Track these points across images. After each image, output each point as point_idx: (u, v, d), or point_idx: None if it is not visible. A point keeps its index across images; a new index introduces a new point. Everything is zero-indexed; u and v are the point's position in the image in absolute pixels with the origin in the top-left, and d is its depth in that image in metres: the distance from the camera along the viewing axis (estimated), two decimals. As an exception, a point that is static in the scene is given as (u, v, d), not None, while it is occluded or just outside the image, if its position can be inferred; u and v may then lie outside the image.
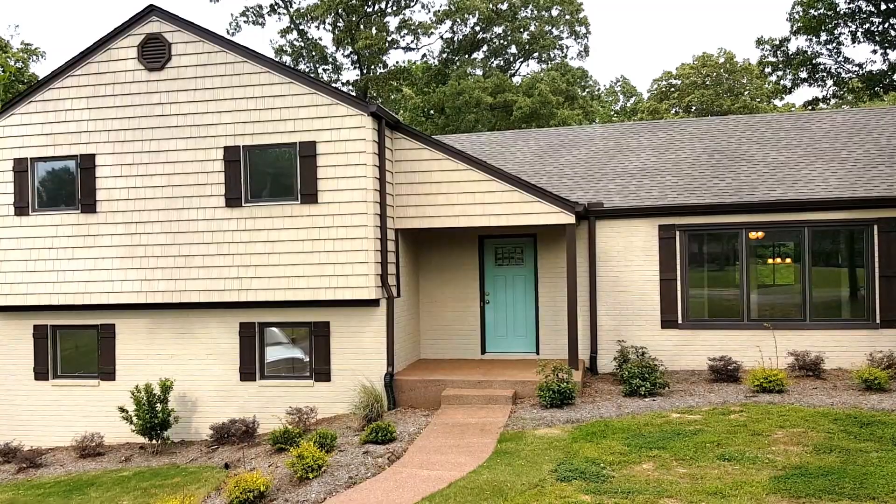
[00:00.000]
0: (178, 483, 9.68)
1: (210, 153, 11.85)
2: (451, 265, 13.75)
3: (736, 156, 14.63)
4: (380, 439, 9.28)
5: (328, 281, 11.44)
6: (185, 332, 12.25)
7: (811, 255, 12.41)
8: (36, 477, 10.95)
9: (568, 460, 7.94)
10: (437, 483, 7.56)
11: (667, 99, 44.70)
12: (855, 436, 8.21)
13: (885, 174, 12.78)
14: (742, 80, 42.57)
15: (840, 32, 27.18)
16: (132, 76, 12.16)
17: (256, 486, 7.83)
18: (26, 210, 12.50)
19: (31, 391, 12.83)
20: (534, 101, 34.03)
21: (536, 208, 11.72)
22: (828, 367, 11.85)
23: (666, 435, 8.66)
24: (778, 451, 7.83)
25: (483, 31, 38.05)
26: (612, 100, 55.30)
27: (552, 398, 10.38)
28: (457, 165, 11.90)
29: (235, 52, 11.81)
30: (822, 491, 6.61)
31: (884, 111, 16.34)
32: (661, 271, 12.79)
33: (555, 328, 13.20)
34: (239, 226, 11.75)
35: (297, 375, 12.03)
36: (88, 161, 12.26)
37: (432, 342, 13.81)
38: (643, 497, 6.74)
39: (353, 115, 11.38)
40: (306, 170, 11.51)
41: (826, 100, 29.64)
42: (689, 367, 12.56)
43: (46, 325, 12.77)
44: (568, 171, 15.20)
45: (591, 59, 72.71)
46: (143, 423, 11.28)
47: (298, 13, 38.36)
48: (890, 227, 12.01)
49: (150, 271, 12.06)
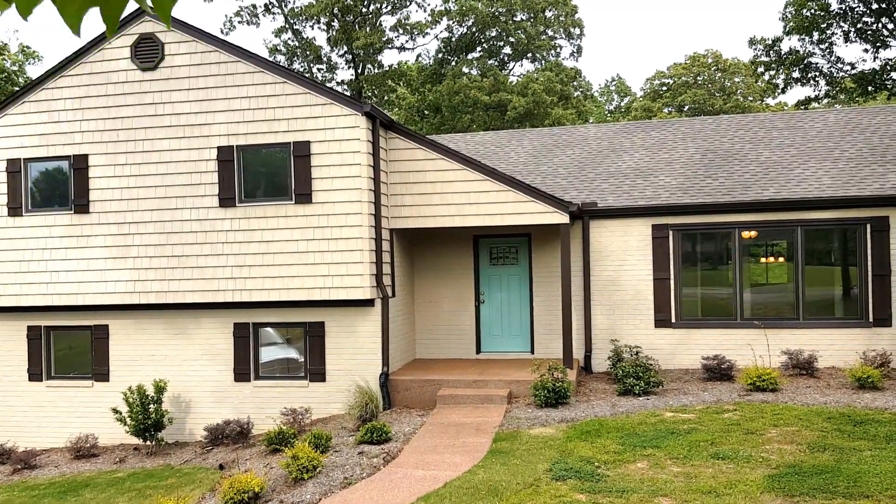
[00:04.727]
0: (172, 484, 9.66)
1: (203, 153, 11.82)
2: (446, 265, 13.76)
3: (729, 155, 14.67)
4: (375, 439, 9.27)
5: (323, 281, 11.42)
6: (179, 332, 12.22)
7: (804, 254, 12.45)
8: (31, 478, 10.91)
9: (563, 459, 7.96)
10: (433, 483, 7.56)
11: (660, 98, 44.82)
12: (849, 434, 8.25)
13: (878, 173, 12.83)
14: (735, 78, 42.72)
15: (833, 32, 27.27)
16: (125, 76, 12.12)
17: (251, 487, 7.82)
18: (19, 211, 12.46)
19: (25, 392, 12.79)
20: (528, 101, 34.05)
21: (531, 208, 11.73)
22: (821, 365, 11.90)
23: (660, 434, 8.68)
24: (772, 450, 7.86)
25: (479, 32, 38.04)
26: (606, 99, 55.40)
27: (547, 397, 10.39)
28: (451, 165, 11.90)
29: (229, 51, 11.78)
30: (816, 489, 6.64)
31: (876, 110, 16.40)
32: (655, 270, 12.83)
33: (549, 328, 13.23)
34: (233, 226, 11.73)
35: (291, 376, 12.02)
36: (81, 161, 12.22)
37: (427, 342, 13.81)
38: (637, 496, 6.75)
39: (348, 115, 11.37)
40: (300, 170, 11.49)
41: (818, 99, 29.73)
42: (682, 366, 12.60)
43: (40, 326, 12.72)
44: (562, 171, 15.22)
45: (585, 58, 72.90)
46: (136, 424, 11.25)
47: (293, 13, 38.28)
48: (883, 225, 12.06)
49: (143, 272, 12.02)
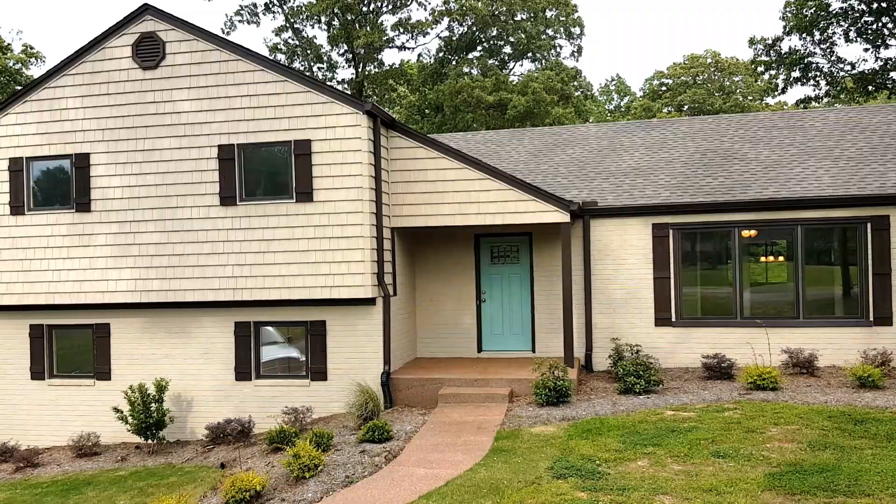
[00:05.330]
0: (174, 483, 9.69)
1: (204, 151, 11.83)
2: (447, 264, 13.77)
3: (729, 154, 14.68)
4: (376, 438, 9.28)
5: (324, 280, 11.44)
6: (180, 331, 12.23)
7: (804, 253, 12.46)
8: (33, 476, 10.94)
9: (564, 457, 7.97)
10: (434, 481, 7.58)
11: (659, 98, 44.86)
12: (849, 433, 8.26)
13: (879, 172, 12.84)
14: (734, 77, 42.74)
15: (833, 32, 27.28)
16: (126, 75, 12.13)
17: (252, 486, 7.83)
18: (22, 209, 12.48)
19: (27, 391, 12.81)
20: (528, 100, 34.05)
21: (532, 207, 11.75)
22: (821, 364, 11.91)
23: (661, 432, 8.70)
24: (772, 449, 7.88)
25: (479, 32, 38.05)
26: (606, 99, 55.42)
27: (548, 396, 10.41)
28: (452, 164, 11.91)
29: (230, 50, 11.79)
30: (816, 488, 6.65)
31: (877, 109, 16.40)
32: (655, 269, 12.84)
33: (550, 326, 13.24)
34: (234, 224, 11.74)
35: (293, 375, 12.03)
36: (83, 160, 12.23)
37: (429, 341, 13.83)
38: (638, 494, 6.77)
39: (349, 114, 11.38)
40: (301, 168, 11.50)
41: (818, 99, 29.73)
42: (683, 365, 12.62)
43: (42, 325, 12.74)
44: (562, 170, 15.24)
45: (585, 58, 72.91)
46: (138, 422, 11.28)
47: (293, 11, 38.29)
48: (883, 224, 12.07)
49: (144, 270, 12.04)
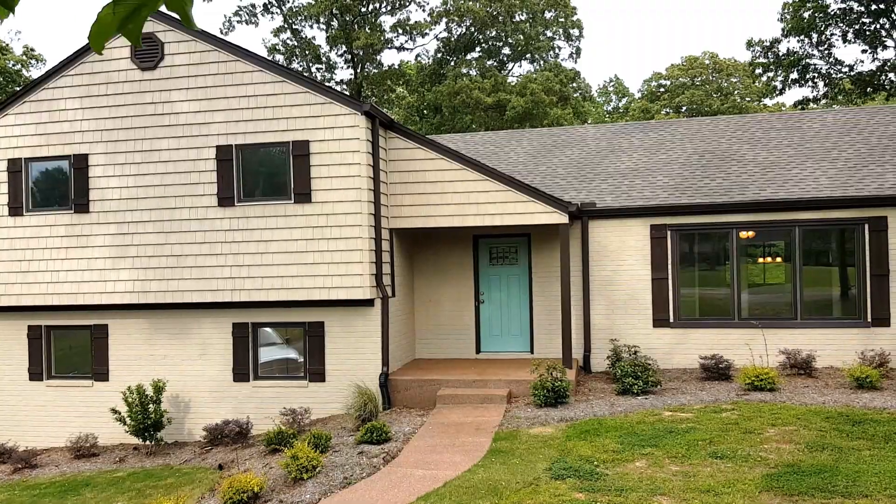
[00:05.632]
0: (172, 484, 9.68)
1: (202, 152, 11.83)
2: (445, 265, 13.78)
3: (726, 156, 14.70)
4: (375, 439, 9.28)
5: (322, 281, 11.44)
6: (179, 332, 12.23)
7: (802, 255, 12.48)
8: (31, 477, 10.93)
9: (562, 458, 7.98)
10: (433, 482, 7.58)
11: (658, 100, 44.91)
12: (847, 434, 8.27)
13: (876, 173, 12.85)
14: (732, 79, 42.79)
15: (832, 33, 27.33)
16: (125, 76, 12.13)
17: (250, 487, 7.83)
18: (20, 210, 12.47)
19: (25, 392, 12.80)
20: (527, 101, 34.07)
21: (530, 208, 11.76)
22: (819, 365, 11.93)
23: (658, 433, 8.70)
24: (770, 449, 7.88)
25: (478, 33, 38.07)
26: (604, 100, 55.44)
27: (546, 397, 10.42)
28: (451, 165, 11.92)
29: (228, 51, 11.80)
30: (814, 489, 6.66)
31: (874, 110, 16.43)
32: (653, 270, 12.85)
33: (549, 327, 13.25)
34: (232, 225, 11.74)
35: (291, 376, 12.03)
36: (81, 161, 12.23)
37: (427, 342, 13.83)
38: (636, 495, 6.78)
39: (347, 115, 11.38)
40: (300, 169, 11.50)
41: (816, 100, 29.78)
42: (680, 366, 12.63)
43: (41, 326, 12.73)
44: (561, 172, 15.25)
45: (584, 59, 72.93)
46: (135, 424, 11.27)
47: (292, 12, 38.29)
48: (881, 225, 12.09)
49: (142, 271, 12.04)
